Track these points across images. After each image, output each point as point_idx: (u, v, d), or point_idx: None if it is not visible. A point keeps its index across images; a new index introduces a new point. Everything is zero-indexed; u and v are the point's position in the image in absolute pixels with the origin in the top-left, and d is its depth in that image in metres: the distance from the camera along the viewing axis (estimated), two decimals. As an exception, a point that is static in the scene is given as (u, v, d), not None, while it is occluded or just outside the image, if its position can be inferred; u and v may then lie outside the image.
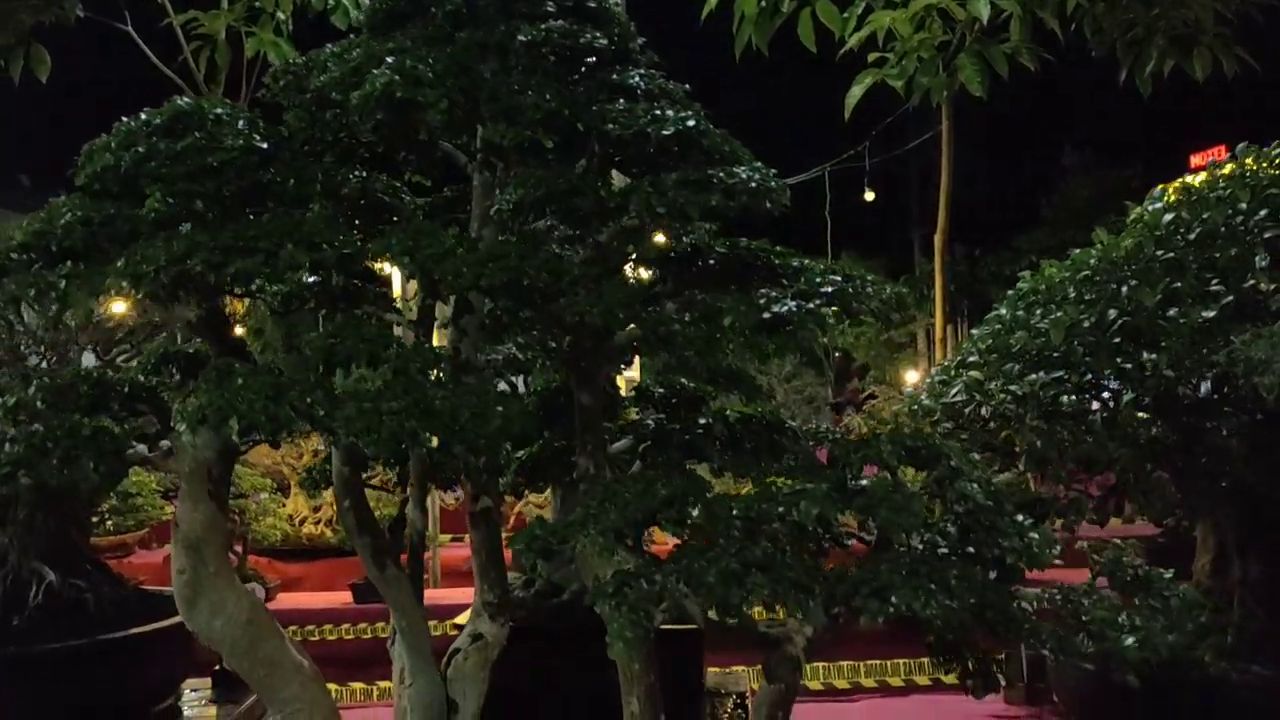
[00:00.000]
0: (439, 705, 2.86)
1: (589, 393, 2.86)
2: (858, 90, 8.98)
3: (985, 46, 8.48)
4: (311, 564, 8.17)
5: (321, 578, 7.99)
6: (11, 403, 2.60)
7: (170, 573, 2.78)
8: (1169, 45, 7.45)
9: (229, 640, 2.75)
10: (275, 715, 2.82)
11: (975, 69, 8.59)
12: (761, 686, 2.70)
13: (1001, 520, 2.42)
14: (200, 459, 2.74)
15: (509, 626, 2.98)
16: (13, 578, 4.88)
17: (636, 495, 2.36)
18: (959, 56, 8.65)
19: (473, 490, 2.92)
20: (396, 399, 2.29)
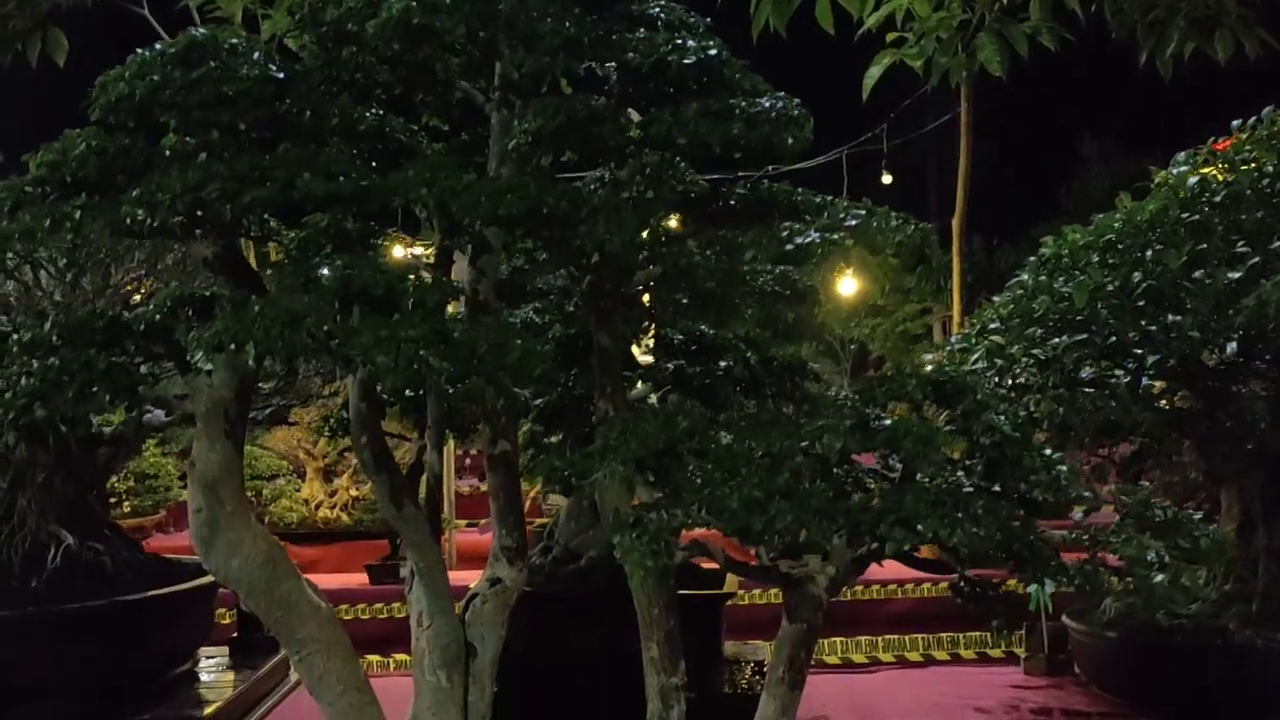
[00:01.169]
0: (457, 647, 2.83)
1: (608, 335, 2.82)
2: (876, 71, 8.92)
3: (1005, 26, 8.41)
4: (327, 547, 8.20)
5: (337, 561, 8.03)
6: (27, 339, 2.58)
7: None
8: (1190, 27, 7.36)
9: (246, 580, 2.73)
10: (293, 655, 2.80)
11: (995, 49, 8.51)
12: (783, 626, 2.66)
13: (1028, 454, 2.37)
14: (216, 398, 2.72)
15: (526, 571, 2.95)
16: (31, 540, 4.88)
17: (658, 426, 2.33)
18: (978, 36, 8.59)
19: (490, 434, 2.89)
20: (414, 328, 2.26)
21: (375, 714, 2.83)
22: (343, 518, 9.55)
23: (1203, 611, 5.01)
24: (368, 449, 2.67)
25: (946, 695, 5.47)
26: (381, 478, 2.69)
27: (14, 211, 2.51)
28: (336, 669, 2.79)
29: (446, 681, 2.82)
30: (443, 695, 2.82)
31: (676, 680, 2.88)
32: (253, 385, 2.79)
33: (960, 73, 8.87)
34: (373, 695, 2.87)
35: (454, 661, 2.82)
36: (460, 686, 2.84)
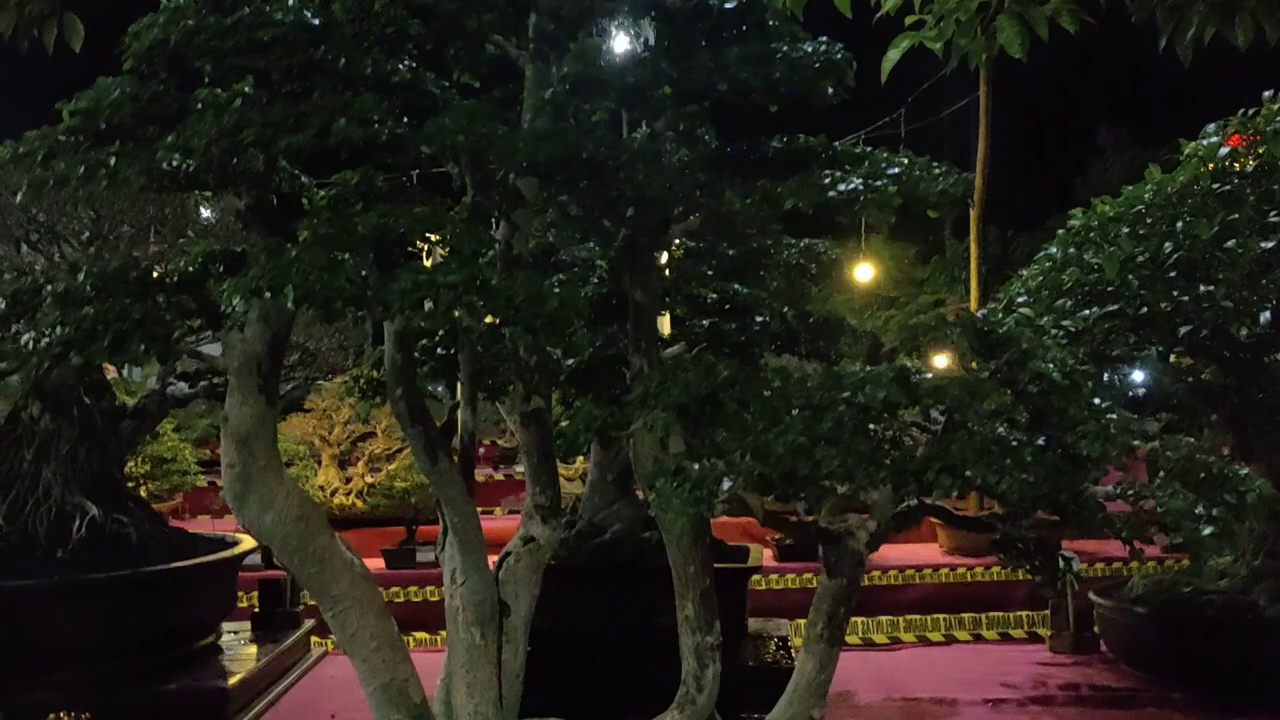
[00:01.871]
0: (491, 605, 2.80)
1: (643, 289, 2.79)
2: (894, 54, 8.86)
3: (1025, 8, 8.34)
4: (342, 533, 8.17)
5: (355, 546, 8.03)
6: (60, 289, 2.57)
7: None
8: (1210, 11, 7.27)
9: (279, 535, 2.71)
10: (326, 612, 2.78)
11: (1015, 31, 8.44)
12: (822, 583, 2.63)
13: (1076, 404, 2.33)
14: (250, 352, 2.70)
15: (560, 529, 2.93)
16: (56, 511, 4.89)
17: (699, 374, 2.30)
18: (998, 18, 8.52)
19: (524, 390, 2.86)
20: (453, 274, 2.23)
21: (408, 671, 2.81)
22: (358, 504, 9.53)
23: (1232, 587, 4.97)
24: (403, 401, 2.65)
25: (972, 672, 5.44)
26: (417, 430, 2.67)
27: (47, 160, 2.49)
28: (370, 625, 2.77)
29: (481, 639, 2.80)
30: (476, 653, 2.79)
31: (712, 639, 2.85)
32: (285, 341, 2.76)
33: (980, 55, 8.80)
34: (405, 653, 2.85)
35: (488, 619, 2.80)
36: (494, 644, 2.82)
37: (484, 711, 2.78)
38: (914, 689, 5.11)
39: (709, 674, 2.84)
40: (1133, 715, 4.68)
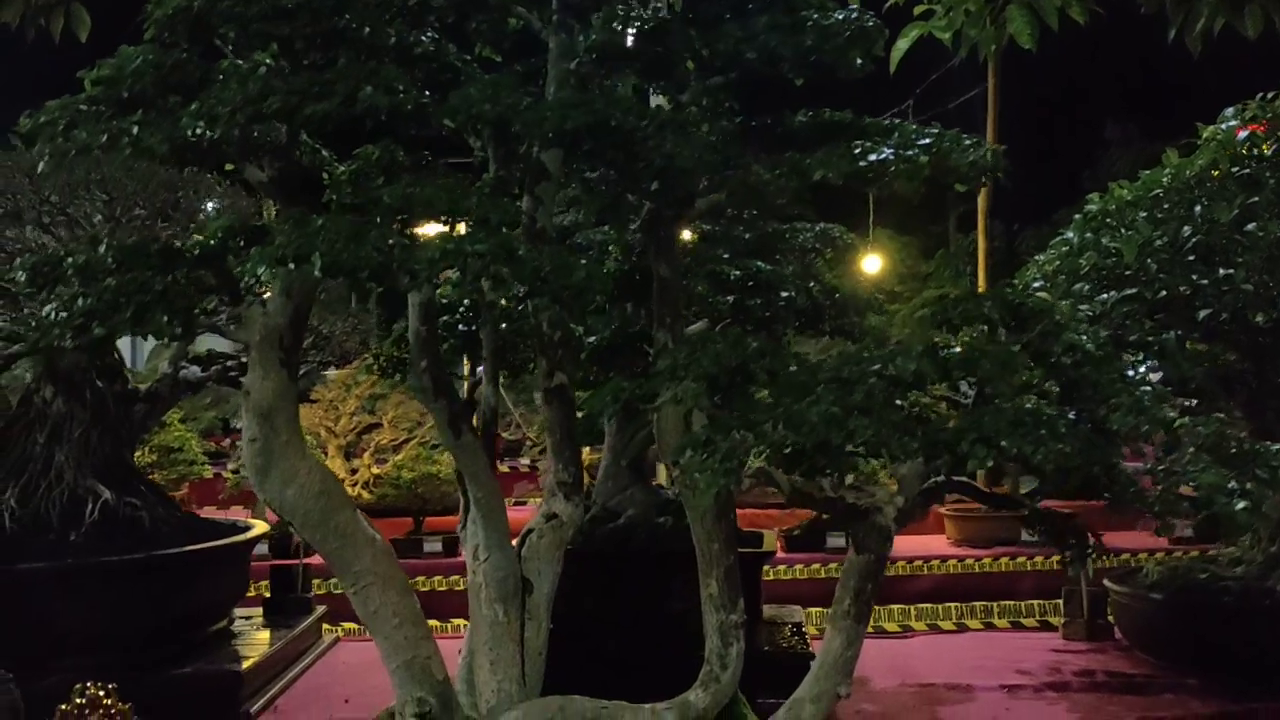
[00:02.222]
0: (514, 581, 2.78)
1: (666, 264, 2.77)
2: (903, 44, 8.83)
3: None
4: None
5: None
6: (81, 261, 2.54)
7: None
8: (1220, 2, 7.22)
9: (301, 510, 2.69)
10: (349, 588, 2.76)
11: (1025, 20, 8.42)
12: (849, 559, 2.61)
13: (1109, 376, 2.31)
14: (272, 325, 2.68)
15: (583, 506, 2.91)
16: (68, 494, 4.87)
17: (729, 346, 2.27)
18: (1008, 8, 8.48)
19: (547, 366, 2.84)
20: (480, 243, 2.21)
21: (430, 648, 2.79)
22: (364, 495, 9.50)
23: (1249, 573, 4.94)
24: (427, 373, 2.63)
25: (986, 659, 5.41)
26: (440, 404, 2.64)
27: (69, 129, 2.47)
28: (392, 602, 2.75)
29: (503, 616, 2.78)
30: (499, 629, 2.77)
31: (735, 617, 2.83)
32: (307, 314, 2.74)
33: (989, 45, 8.76)
34: (427, 630, 2.83)
35: (510, 596, 2.78)
36: (517, 621, 2.80)
37: (507, 689, 2.76)
38: (928, 675, 5.08)
39: (733, 652, 2.82)
40: (1149, 701, 4.65)
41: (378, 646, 2.80)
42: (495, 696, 2.76)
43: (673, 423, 2.80)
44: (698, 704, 2.78)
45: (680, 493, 2.82)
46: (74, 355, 4.99)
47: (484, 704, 2.78)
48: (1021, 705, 4.66)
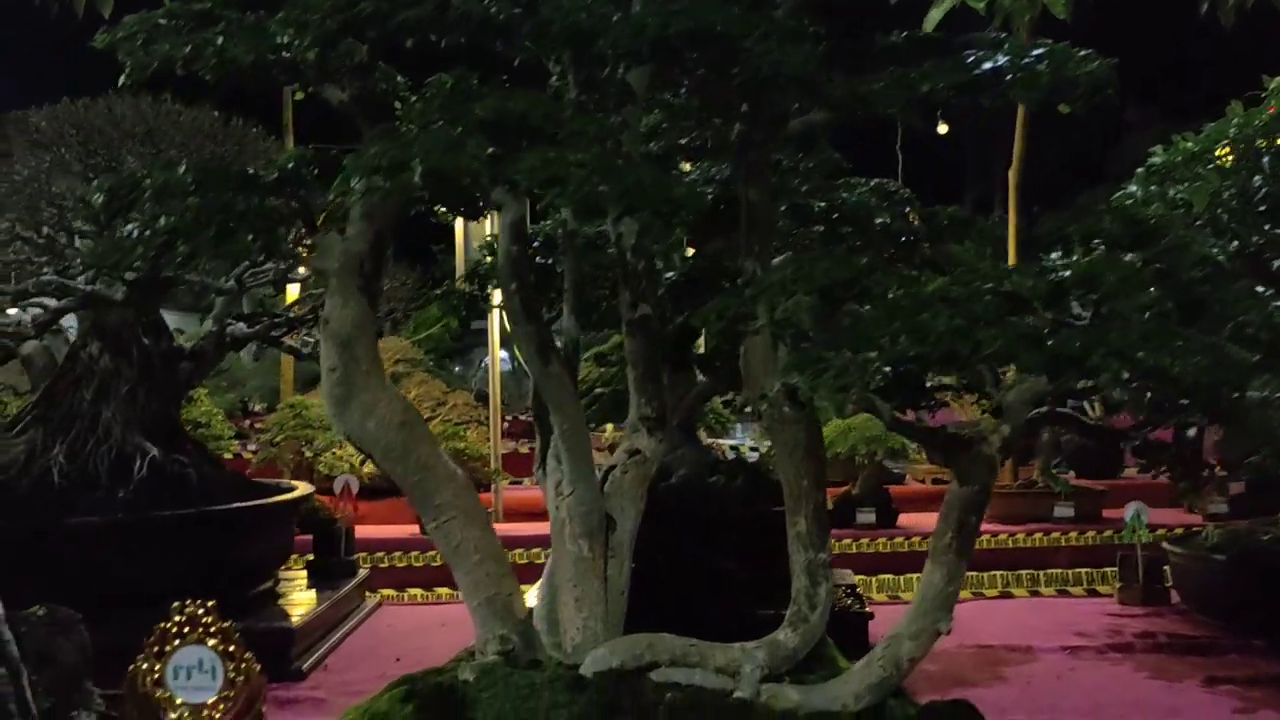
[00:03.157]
0: (598, 516, 2.70)
1: (757, 189, 2.67)
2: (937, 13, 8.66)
3: (1068, -34, 8.16)
4: (374, 503, 8.15)
5: (383, 516, 8.01)
6: (160, 181, 2.46)
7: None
8: (1256, -29, 7.06)
9: (382, 443, 2.62)
10: (429, 523, 2.68)
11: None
12: (951, 490, 2.52)
13: (1237, 293, 2.21)
14: (352, 251, 2.60)
15: (666, 441, 2.82)
16: (116, 451, 4.82)
17: (837, 262, 2.18)
18: (1042, -25, 8.33)
19: (630, 297, 2.75)
20: (582, 153, 2.12)
21: (512, 585, 2.71)
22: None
23: None
24: (517, 296, 2.54)
25: (1042, 622, 5.32)
26: (529, 329, 2.56)
27: (148, 44, 2.39)
28: (474, 537, 2.67)
29: (588, 552, 2.70)
30: (584, 566, 2.69)
31: (825, 556, 2.74)
32: (388, 241, 2.66)
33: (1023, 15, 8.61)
34: (509, 567, 2.75)
35: (595, 531, 2.70)
36: (601, 558, 2.72)
37: (592, 626, 2.68)
38: (986, 638, 5.00)
39: (821, 592, 2.73)
40: (1215, 662, 4.56)
41: (459, 583, 2.73)
42: (580, 634, 2.69)
43: (761, 354, 2.72)
44: (787, 644, 2.69)
45: (769, 427, 2.73)
46: (120, 311, 4.94)
47: (569, 641, 2.71)
48: (1085, 665, 4.58)
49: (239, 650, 1.96)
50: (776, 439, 2.75)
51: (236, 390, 17.11)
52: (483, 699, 2.46)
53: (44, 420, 4.91)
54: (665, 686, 2.51)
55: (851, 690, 2.55)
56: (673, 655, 2.61)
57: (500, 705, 2.44)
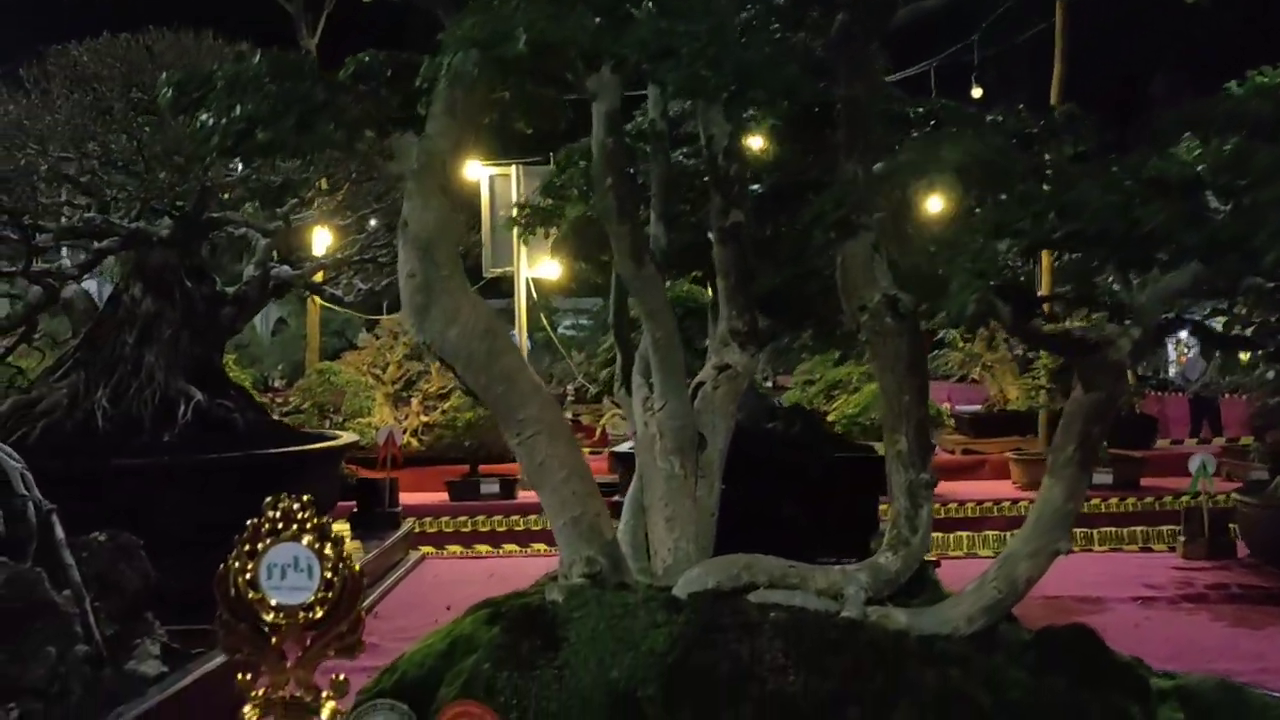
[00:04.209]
0: (691, 433, 2.57)
1: (862, 84, 2.51)
2: (972, -25, 8.47)
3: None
4: (398, 471, 8.09)
5: (408, 484, 7.92)
6: (232, 74, 2.32)
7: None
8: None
9: (465, 352, 2.48)
10: (513, 439, 2.55)
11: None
12: (1074, 398, 2.37)
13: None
14: (433, 150, 2.45)
15: (757, 356, 2.68)
16: (160, 396, 4.71)
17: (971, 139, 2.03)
18: (1080, -65, 8.11)
19: (722, 202, 2.61)
20: (696, 23, 1.97)
21: (599, 505, 2.57)
22: (413, 443, 9.31)
23: None
24: (612, 192, 2.39)
25: (1108, 576, 5.17)
26: (624, 228, 2.41)
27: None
28: (560, 454, 2.53)
29: (680, 469, 2.56)
30: (675, 484, 2.56)
31: (926, 476, 2.60)
32: (470, 141, 2.51)
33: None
34: (595, 486, 2.61)
35: (687, 448, 2.56)
36: (692, 477, 2.58)
37: (684, 547, 2.55)
38: (1052, 590, 4.84)
39: (923, 514, 2.59)
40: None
41: (543, 503, 2.59)
42: (672, 555, 2.56)
43: (860, 263, 2.57)
44: (889, 567, 2.56)
45: (869, 339, 2.58)
46: (163, 253, 4.82)
47: (659, 564, 2.58)
48: (1160, 615, 4.44)
49: (336, 548, 1.83)
50: (877, 353, 2.60)
51: (256, 366, 17.03)
52: (574, 618, 2.33)
53: (86, 364, 4.80)
54: (767, 607, 2.38)
55: (963, 612, 2.42)
56: (771, 577, 2.47)
57: (594, 624, 2.30)
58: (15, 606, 2.46)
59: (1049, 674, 2.30)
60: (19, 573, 2.50)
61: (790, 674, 2.19)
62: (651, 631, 2.28)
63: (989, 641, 2.40)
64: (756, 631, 2.28)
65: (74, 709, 2.46)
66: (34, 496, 2.81)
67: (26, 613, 2.48)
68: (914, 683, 2.20)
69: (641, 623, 2.31)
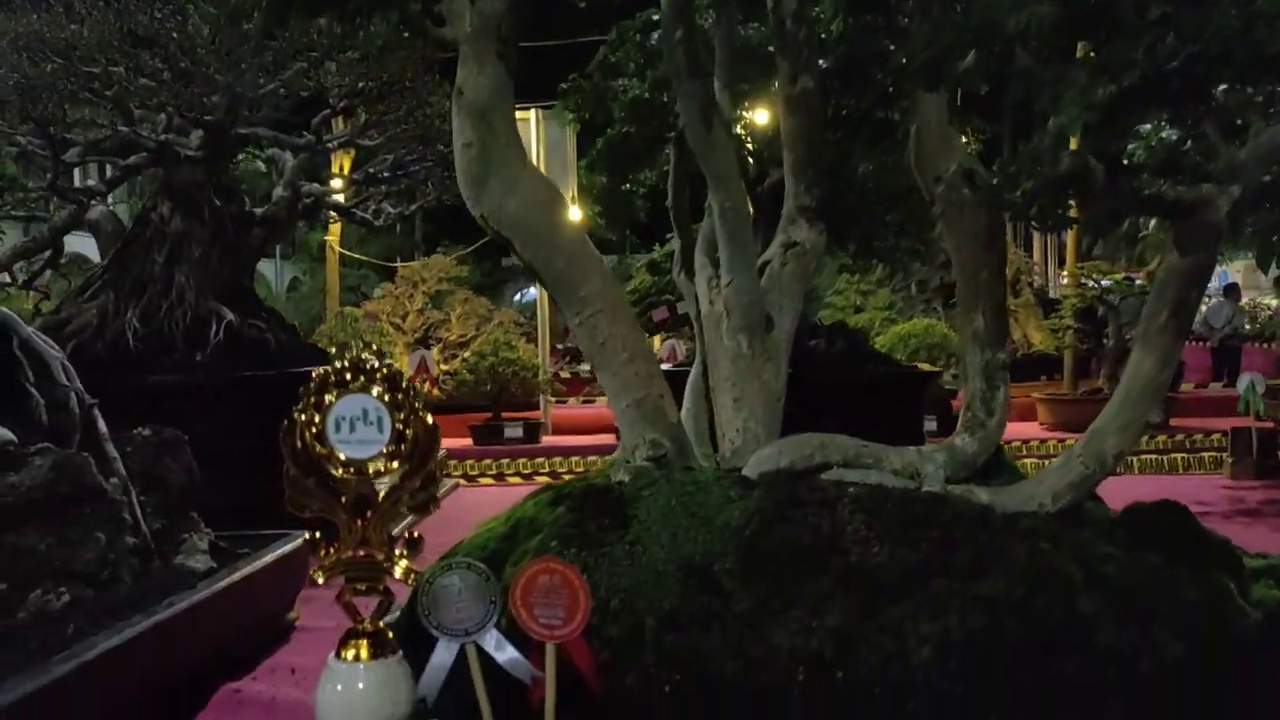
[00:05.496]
0: (758, 310, 2.46)
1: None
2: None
3: None
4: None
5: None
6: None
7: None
8: None
9: (524, 224, 2.37)
10: (573, 317, 2.44)
11: None
12: (1168, 263, 2.25)
13: None
14: (488, 13, 2.33)
15: (826, 234, 2.57)
16: (191, 315, 4.62)
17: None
18: None
19: (789, 69, 2.48)
20: None
21: (662, 387, 2.47)
22: (434, 392, 9.25)
23: None
24: (681, 48, 2.26)
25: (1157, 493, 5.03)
26: (693, 86, 2.29)
27: None
28: (621, 334, 2.43)
29: (748, 349, 2.46)
30: (743, 364, 2.46)
31: (1003, 356, 2.49)
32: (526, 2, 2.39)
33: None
34: (659, 368, 2.51)
35: (755, 326, 2.46)
36: (760, 357, 2.48)
37: (752, 429, 2.45)
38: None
39: (999, 396, 2.49)
40: (1351, 527, 4.31)
41: (604, 385, 2.49)
42: (740, 437, 2.46)
43: (936, 132, 2.45)
44: (965, 449, 2.46)
45: (944, 212, 2.46)
46: (191, 170, 4.71)
47: (726, 446, 2.48)
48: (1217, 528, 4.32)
49: (408, 399, 1.73)
50: (951, 227, 2.48)
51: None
52: (644, 496, 2.24)
53: (115, 284, 4.71)
54: (844, 484, 2.28)
55: (1049, 489, 2.32)
56: (845, 456, 2.38)
57: (664, 501, 2.21)
58: (62, 491, 2.38)
59: (1141, 550, 2.21)
60: (65, 457, 2.42)
61: (874, 546, 2.10)
62: (726, 507, 2.19)
63: (1075, 519, 2.30)
64: (836, 506, 2.18)
65: (125, 598, 2.39)
66: (75, 387, 2.73)
67: (74, 498, 2.41)
68: (1003, 555, 2.10)
69: (715, 498, 2.21)
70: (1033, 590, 2.06)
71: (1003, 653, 2.00)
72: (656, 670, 2.00)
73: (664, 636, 2.02)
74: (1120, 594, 2.10)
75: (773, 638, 2.02)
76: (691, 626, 2.04)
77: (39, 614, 2.24)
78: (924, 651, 2.00)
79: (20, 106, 4.07)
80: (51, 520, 2.36)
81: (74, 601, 2.32)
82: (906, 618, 2.02)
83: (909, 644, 2.02)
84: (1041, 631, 2.03)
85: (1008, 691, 1.99)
